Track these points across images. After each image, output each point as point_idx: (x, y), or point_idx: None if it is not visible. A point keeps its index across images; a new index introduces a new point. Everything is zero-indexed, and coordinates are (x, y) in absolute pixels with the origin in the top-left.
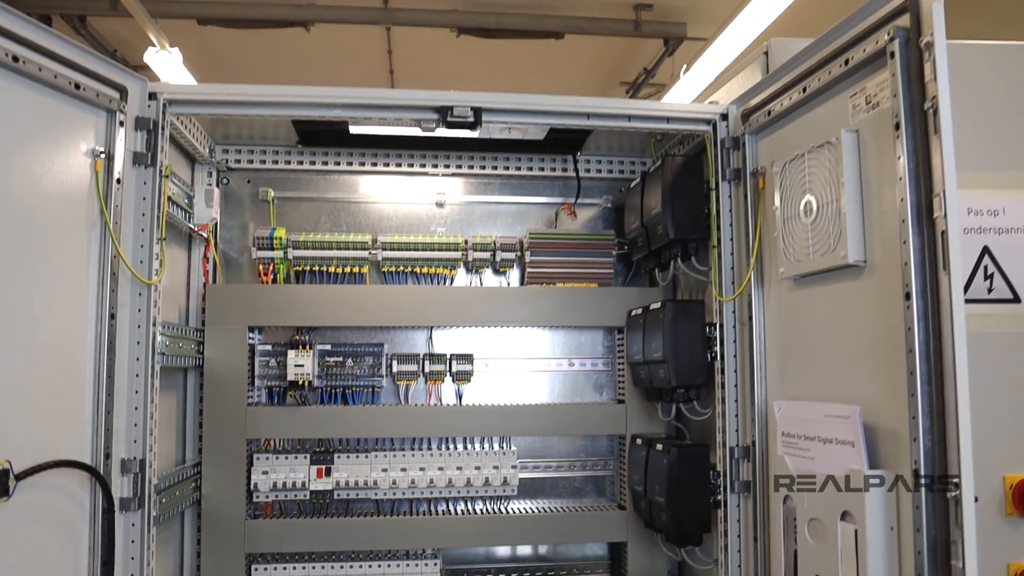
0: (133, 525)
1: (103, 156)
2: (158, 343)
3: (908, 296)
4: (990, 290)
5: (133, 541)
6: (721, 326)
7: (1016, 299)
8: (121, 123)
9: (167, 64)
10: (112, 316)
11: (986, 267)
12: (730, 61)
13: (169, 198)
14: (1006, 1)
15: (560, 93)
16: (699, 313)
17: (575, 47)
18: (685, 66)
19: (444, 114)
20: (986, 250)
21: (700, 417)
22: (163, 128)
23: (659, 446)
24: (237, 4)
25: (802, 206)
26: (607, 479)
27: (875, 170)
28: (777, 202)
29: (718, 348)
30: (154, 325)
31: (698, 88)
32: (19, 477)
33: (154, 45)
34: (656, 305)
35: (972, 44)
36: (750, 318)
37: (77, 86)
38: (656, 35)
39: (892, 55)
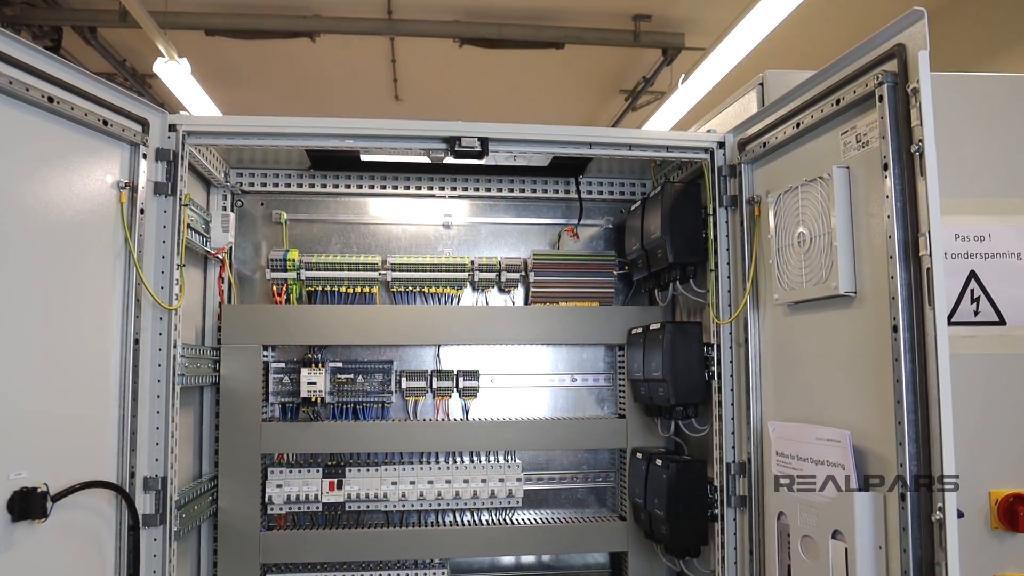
0: (155, 540)
1: (127, 188)
2: (178, 365)
3: (895, 329)
4: (976, 312)
5: (155, 555)
6: (718, 347)
7: (1001, 321)
8: (144, 155)
9: (176, 74)
10: (136, 341)
11: (972, 291)
12: (727, 71)
13: (188, 225)
14: (987, 30)
15: (560, 101)
16: (697, 334)
17: (575, 57)
18: (683, 75)
19: (452, 144)
20: (972, 274)
21: (698, 434)
22: (183, 158)
23: (659, 461)
24: (244, 16)
25: (796, 237)
26: (608, 491)
27: (865, 205)
28: (772, 231)
29: (715, 368)
30: (174, 348)
31: (695, 97)
32: (55, 499)
33: (163, 56)
34: (656, 325)
35: (959, 76)
36: (746, 340)
37: (105, 122)
38: (655, 45)
39: (881, 99)
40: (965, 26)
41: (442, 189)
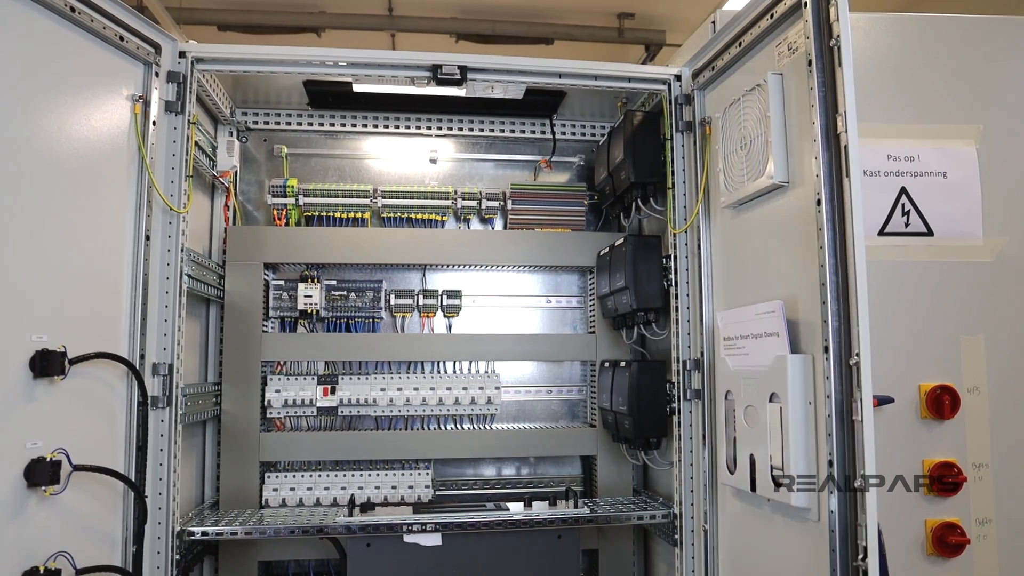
0: (162, 421)
1: (140, 101)
2: (185, 265)
3: (819, 203)
4: (907, 225)
5: (162, 435)
6: (675, 257)
7: (930, 232)
8: (156, 74)
9: None
10: (147, 238)
11: (903, 205)
12: None
13: (196, 143)
14: None
15: None
16: (657, 246)
17: (564, 52)
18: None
19: (435, 72)
20: (903, 190)
21: (658, 338)
22: (191, 82)
23: (622, 363)
24: (255, 12)
25: (739, 142)
26: (579, 405)
27: (796, 104)
28: (719, 143)
29: (673, 276)
30: (182, 251)
31: None
32: (72, 362)
33: None
34: (620, 241)
35: (894, 16)
36: (699, 247)
37: (121, 38)
38: (638, 41)
39: (805, 5)
40: None
41: (428, 128)
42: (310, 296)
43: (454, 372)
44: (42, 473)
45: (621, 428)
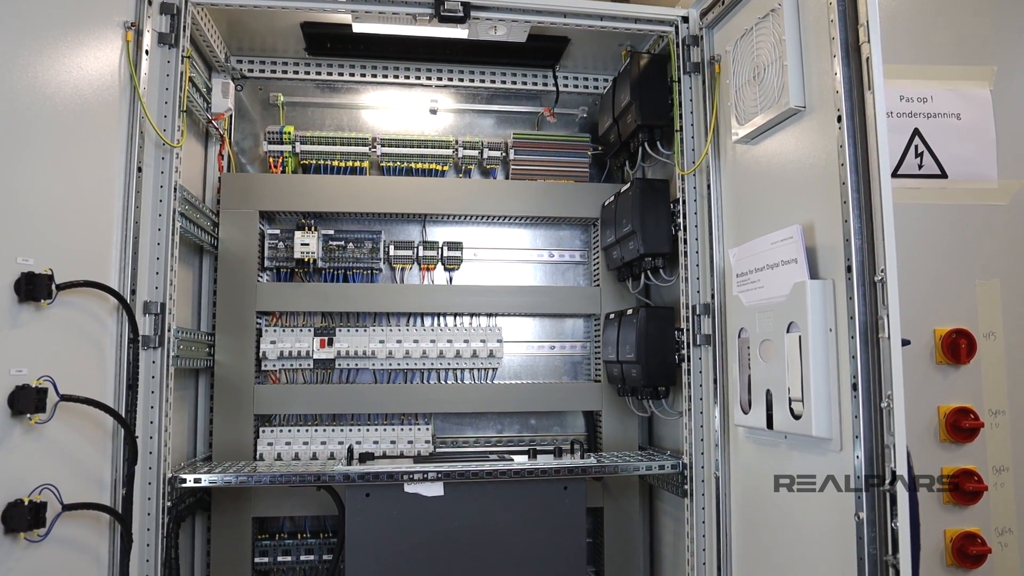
0: (154, 363)
1: (133, 28)
2: (178, 204)
3: (839, 119)
4: (920, 167)
5: (154, 377)
6: (684, 201)
7: (943, 175)
8: (149, 2)
9: None
10: (139, 170)
11: (916, 146)
12: None
13: (191, 80)
14: None
15: None
16: (664, 190)
17: None
18: None
19: (437, 8)
20: (916, 132)
21: (666, 284)
22: (185, 15)
23: (629, 311)
24: None
25: (751, 72)
26: (582, 365)
27: (812, 26)
28: (730, 78)
29: (681, 220)
30: (175, 188)
31: None
32: (60, 287)
33: None
34: (626, 187)
35: None
36: (708, 188)
37: None
38: None
39: None
40: None
41: (428, 78)
42: (307, 244)
43: (455, 326)
44: (27, 400)
45: (628, 379)
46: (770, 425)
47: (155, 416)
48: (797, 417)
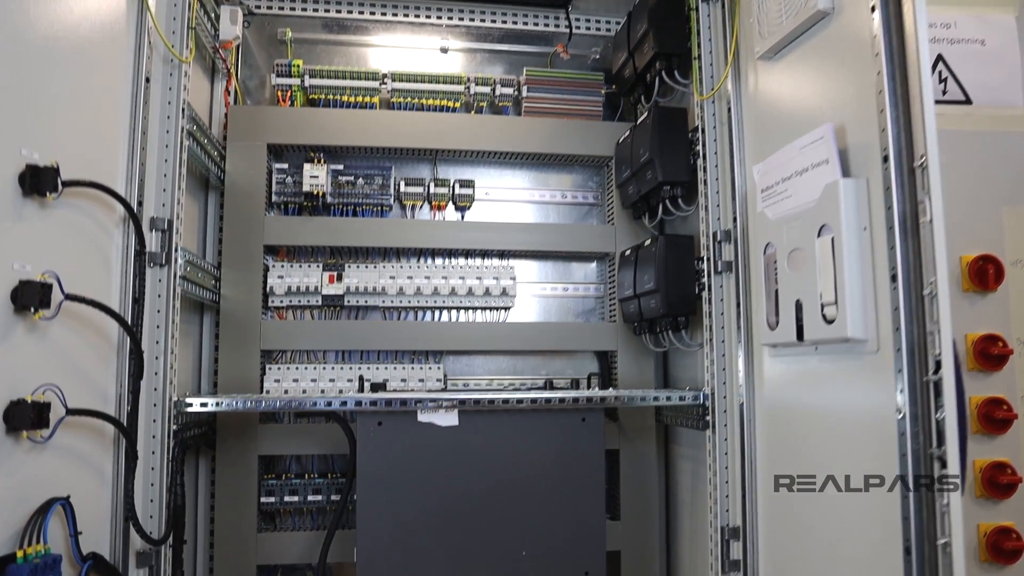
0: (160, 281)
1: None
2: (185, 122)
3: (873, 8)
4: (944, 92)
5: (160, 296)
6: (703, 129)
7: (968, 101)
8: None
9: None
10: (147, 80)
11: (940, 72)
12: None
13: (199, 1)
14: None
15: None
16: (682, 118)
17: None
18: None
19: None
20: (940, 57)
21: (685, 214)
22: None
23: (647, 242)
24: None
25: None
26: (596, 308)
27: None
28: None
29: (700, 148)
30: (183, 105)
31: None
32: (66, 184)
33: None
34: (643, 117)
35: None
36: (729, 112)
37: None
38: None
39: None
40: None
41: (439, 18)
42: (316, 177)
43: (467, 261)
44: (31, 294)
45: (647, 310)
46: (800, 336)
47: (161, 336)
48: (830, 322)
